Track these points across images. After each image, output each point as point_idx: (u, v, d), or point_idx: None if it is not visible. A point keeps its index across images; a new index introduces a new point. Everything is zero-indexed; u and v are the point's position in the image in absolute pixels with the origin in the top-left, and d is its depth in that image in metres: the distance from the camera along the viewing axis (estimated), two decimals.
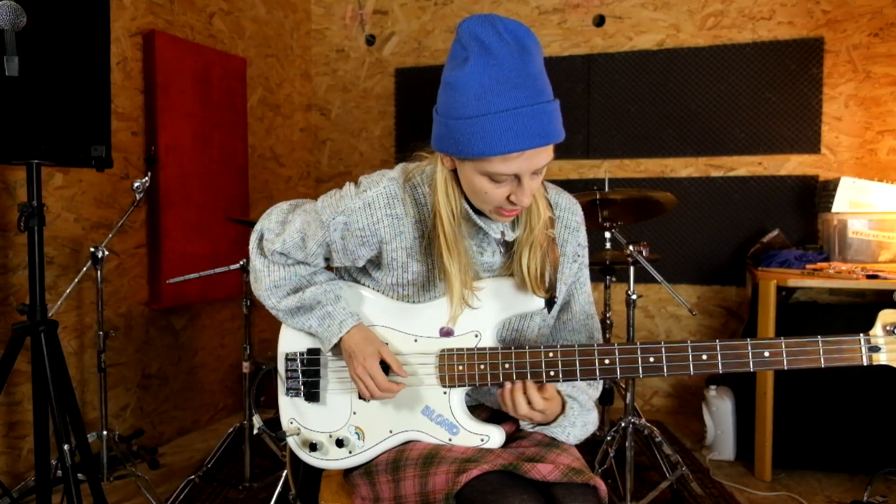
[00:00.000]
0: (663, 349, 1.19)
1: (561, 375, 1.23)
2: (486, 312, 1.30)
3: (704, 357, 1.18)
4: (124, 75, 3.00)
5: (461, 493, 1.15)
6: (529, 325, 1.36)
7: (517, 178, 1.15)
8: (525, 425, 1.33)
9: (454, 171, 1.24)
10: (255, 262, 1.40)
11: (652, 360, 1.19)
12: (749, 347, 1.16)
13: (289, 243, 1.34)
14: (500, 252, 1.32)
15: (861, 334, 1.15)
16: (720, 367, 1.17)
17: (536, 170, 1.15)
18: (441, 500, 1.16)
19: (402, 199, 1.29)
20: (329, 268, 1.43)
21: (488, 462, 1.18)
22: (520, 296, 1.29)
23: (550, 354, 1.23)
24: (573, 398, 1.33)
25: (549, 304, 1.28)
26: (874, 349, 1.14)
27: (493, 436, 1.29)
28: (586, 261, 1.43)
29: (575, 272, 1.40)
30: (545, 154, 1.14)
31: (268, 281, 1.38)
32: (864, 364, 1.14)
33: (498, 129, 1.09)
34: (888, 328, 1.14)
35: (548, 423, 1.31)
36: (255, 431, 1.59)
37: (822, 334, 1.15)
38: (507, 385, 1.24)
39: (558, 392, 1.31)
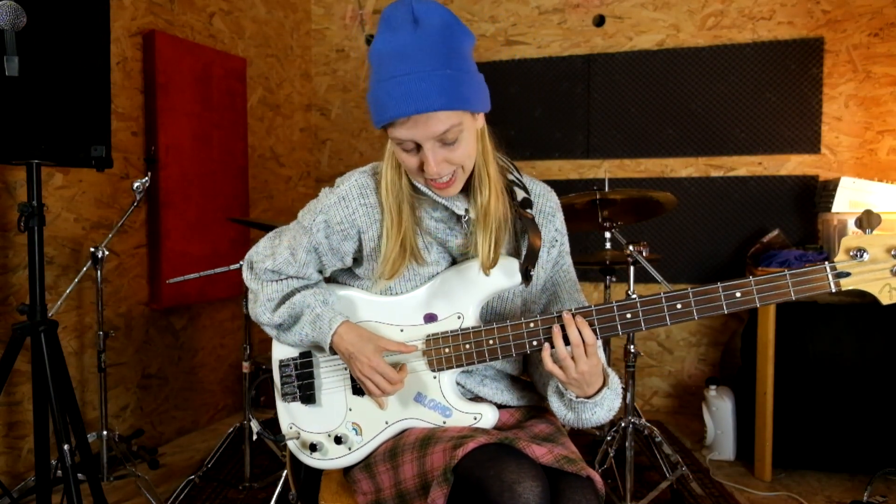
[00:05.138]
0: (639, 303, 1.20)
1: (544, 343, 1.23)
2: (467, 293, 1.32)
3: (679, 306, 1.19)
4: (124, 75, 3.00)
5: (459, 466, 1.15)
6: (510, 309, 1.38)
7: (419, 145, 1.18)
8: (563, 397, 1.27)
9: None
10: (251, 285, 1.44)
11: (629, 316, 1.21)
12: (721, 290, 1.17)
13: (279, 260, 1.38)
14: (468, 232, 1.33)
15: (826, 262, 1.15)
16: (695, 314, 1.18)
17: (437, 136, 1.16)
18: (440, 475, 1.16)
19: (374, 188, 1.35)
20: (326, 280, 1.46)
21: (485, 437, 1.19)
22: (497, 274, 1.30)
23: (532, 325, 1.25)
24: (610, 376, 1.29)
25: (526, 278, 1.29)
26: (841, 275, 1.14)
27: (486, 413, 1.32)
28: (567, 248, 1.44)
29: (555, 258, 1.41)
30: (438, 121, 1.14)
31: (263, 296, 1.41)
32: (833, 290, 1.15)
33: (383, 96, 1.15)
34: (852, 253, 1.14)
35: (589, 397, 1.25)
36: (255, 437, 1.60)
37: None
38: (556, 327, 1.21)
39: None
